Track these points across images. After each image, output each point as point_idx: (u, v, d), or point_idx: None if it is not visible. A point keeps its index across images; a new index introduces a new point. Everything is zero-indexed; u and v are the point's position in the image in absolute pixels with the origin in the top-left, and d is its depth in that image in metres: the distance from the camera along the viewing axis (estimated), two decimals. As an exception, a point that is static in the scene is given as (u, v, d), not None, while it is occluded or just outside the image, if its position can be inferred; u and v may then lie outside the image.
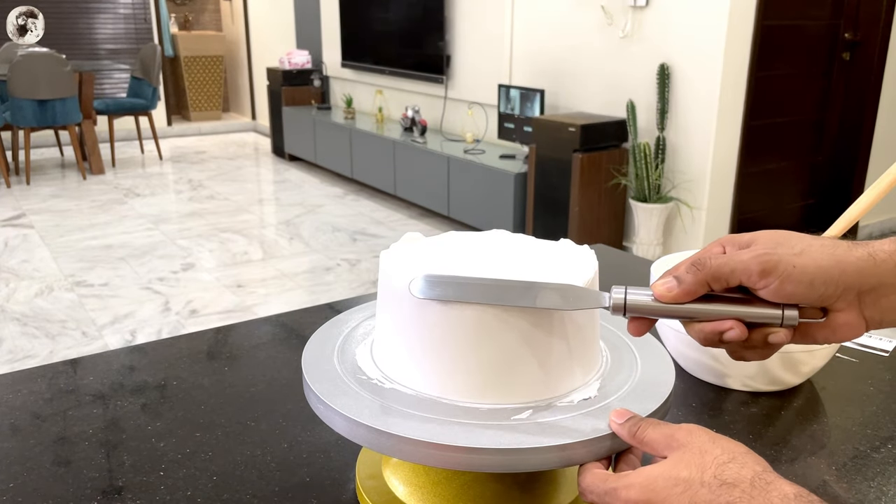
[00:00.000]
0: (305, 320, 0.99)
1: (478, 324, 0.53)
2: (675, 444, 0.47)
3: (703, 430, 0.47)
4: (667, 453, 0.47)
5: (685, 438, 0.47)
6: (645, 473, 0.46)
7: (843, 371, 0.86)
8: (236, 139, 7.68)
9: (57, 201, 5.08)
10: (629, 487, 0.46)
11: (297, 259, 3.96)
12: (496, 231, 0.65)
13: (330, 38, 6.21)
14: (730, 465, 0.44)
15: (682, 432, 0.47)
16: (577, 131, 3.53)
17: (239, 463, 0.67)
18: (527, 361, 0.54)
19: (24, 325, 3.07)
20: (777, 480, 0.43)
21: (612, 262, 1.21)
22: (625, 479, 0.46)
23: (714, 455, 0.45)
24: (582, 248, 0.61)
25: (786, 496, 0.42)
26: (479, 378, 0.54)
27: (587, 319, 0.57)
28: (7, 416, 0.75)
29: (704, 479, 0.44)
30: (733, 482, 0.43)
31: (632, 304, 0.51)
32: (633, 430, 0.49)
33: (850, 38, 4.00)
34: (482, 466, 0.49)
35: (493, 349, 0.53)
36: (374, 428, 0.51)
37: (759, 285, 0.48)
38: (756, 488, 0.42)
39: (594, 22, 3.83)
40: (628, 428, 0.50)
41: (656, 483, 0.45)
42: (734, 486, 0.43)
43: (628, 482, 0.46)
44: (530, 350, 0.54)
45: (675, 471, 0.45)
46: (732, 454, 0.45)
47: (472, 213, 4.24)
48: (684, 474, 0.44)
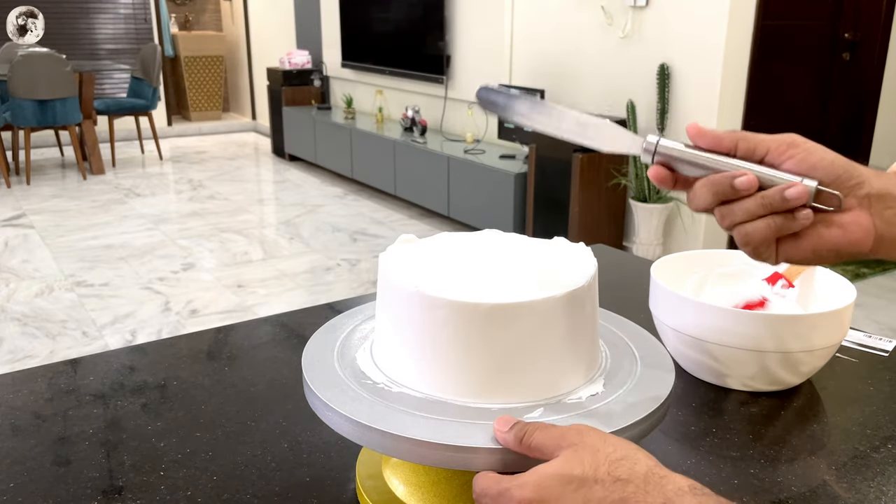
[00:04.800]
0: (305, 320, 0.99)
1: (477, 323, 0.53)
2: (566, 444, 0.46)
3: (592, 430, 0.47)
4: (558, 454, 0.46)
5: (575, 438, 0.46)
6: (538, 472, 0.46)
7: (843, 371, 0.86)
8: (236, 139, 7.68)
9: (57, 201, 5.08)
10: (522, 486, 0.45)
11: (298, 259, 3.96)
12: (489, 231, 0.65)
13: (330, 38, 6.21)
14: (622, 462, 0.44)
15: (572, 432, 0.47)
16: (577, 131, 3.53)
17: (239, 463, 0.67)
18: (526, 361, 0.54)
19: (25, 325, 3.07)
20: (670, 475, 0.43)
21: (612, 262, 1.21)
22: (517, 479, 0.46)
23: (606, 453, 0.45)
24: (578, 246, 0.61)
25: (680, 489, 0.42)
26: (478, 378, 0.54)
27: (587, 319, 0.57)
28: (7, 416, 0.75)
29: (598, 476, 0.44)
30: (627, 478, 0.43)
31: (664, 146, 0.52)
32: (520, 435, 0.48)
33: (850, 38, 4.00)
34: (482, 466, 0.49)
35: (492, 349, 0.53)
36: (374, 428, 0.51)
37: (784, 156, 0.49)
38: (650, 483, 0.43)
39: (594, 22, 3.83)
40: (514, 434, 0.48)
41: (550, 481, 0.45)
42: (628, 481, 0.43)
43: (521, 482, 0.46)
44: (530, 349, 0.54)
45: (568, 468, 0.45)
46: (624, 452, 0.45)
47: (472, 214, 4.24)
48: (577, 471, 0.44)
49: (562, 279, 0.55)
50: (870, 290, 3.42)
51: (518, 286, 0.54)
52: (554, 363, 0.55)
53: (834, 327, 0.77)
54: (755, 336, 0.75)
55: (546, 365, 0.55)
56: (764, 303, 0.83)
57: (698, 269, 0.90)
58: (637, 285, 0.97)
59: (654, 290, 0.83)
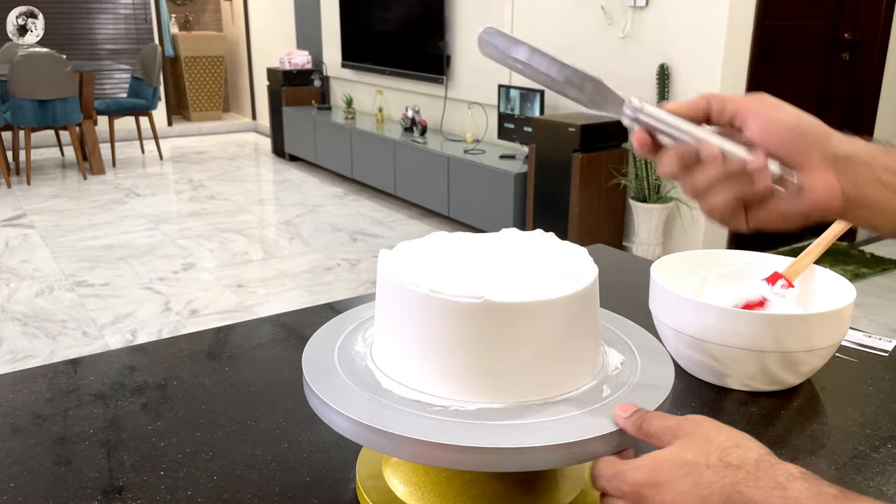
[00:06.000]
0: (305, 320, 0.99)
1: (478, 323, 0.53)
2: (681, 433, 0.48)
3: (708, 420, 0.49)
4: (673, 442, 0.48)
5: (690, 427, 0.48)
6: (652, 457, 0.48)
7: (842, 371, 0.86)
8: (236, 139, 7.68)
9: (57, 201, 5.08)
10: (636, 469, 0.48)
11: (298, 259, 3.96)
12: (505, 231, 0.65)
13: (330, 38, 6.21)
14: (734, 450, 0.45)
15: (688, 422, 0.49)
16: (577, 131, 3.53)
17: (239, 463, 0.67)
18: (527, 361, 0.54)
19: (25, 325, 3.07)
20: (781, 462, 0.44)
21: (611, 262, 1.21)
22: (632, 462, 0.48)
23: (719, 441, 0.46)
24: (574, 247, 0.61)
25: (791, 474, 0.43)
26: (479, 378, 0.54)
27: (589, 319, 0.57)
28: (7, 416, 0.75)
29: (710, 461, 0.45)
30: (738, 464, 0.44)
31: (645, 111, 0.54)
32: (639, 422, 0.50)
33: (850, 38, 4.00)
34: (482, 466, 0.49)
35: (493, 349, 0.53)
36: (374, 428, 0.51)
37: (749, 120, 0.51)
38: (761, 469, 0.44)
39: (594, 22, 3.83)
40: (633, 421, 0.51)
41: (663, 465, 0.47)
42: (739, 467, 0.44)
43: (636, 465, 0.48)
44: (531, 350, 0.54)
45: (681, 454, 0.46)
46: (736, 440, 0.46)
47: (472, 214, 4.24)
48: (689, 457, 0.46)
49: (564, 280, 0.55)
50: (870, 290, 3.42)
51: (520, 286, 0.54)
52: (555, 363, 0.55)
53: (834, 327, 0.77)
54: (755, 336, 0.75)
55: (547, 365, 0.55)
56: (764, 303, 0.83)
57: (698, 269, 0.90)
58: (637, 285, 0.97)
59: (654, 290, 0.83)
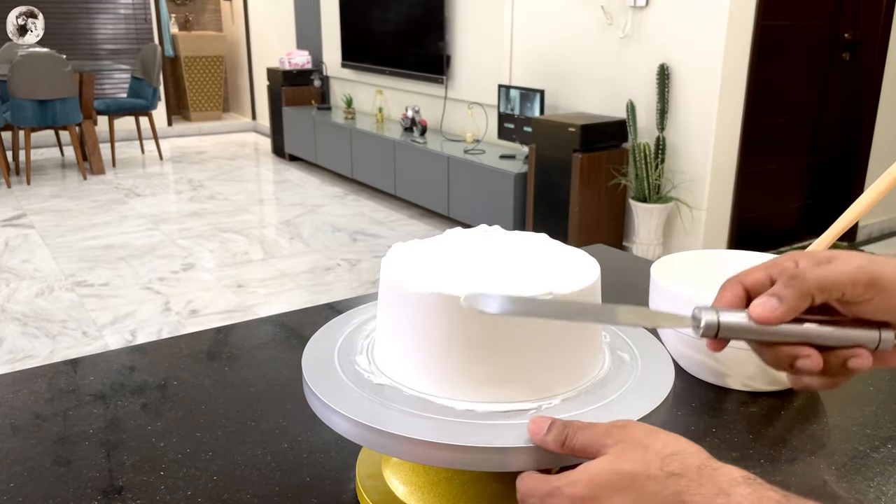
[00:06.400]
0: (305, 320, 0.99)
1: (478, 323, 0.53)
2: (612, 441, 0.45)
3: (637, 424, 0.47)
4: (604, 452, 0.45)
5: (620, 434, 0.46)
6: (588, 469, 0.45)
7: (842, 371, 0.86)
8: (236, 139, 7.68)
9: (57, 201, 5.08)
10: (573, 484, 0.44)
11: (298, 259, 3.96)
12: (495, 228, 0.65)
13: (330, 38, 6.21)
14: (674, 458, 0.44)
15: (617, 429, 0.46)
16: (577, 131, 3.53)
17: (239, 463, 0.67)
18: (528, 361, 0.54)
19: (25, 325, 3.07)
20: (724, 466, 0.43)
21: (612, 263, 1.21)
22: (567, 476, 0.45)
23: (656, 449, 0.44)
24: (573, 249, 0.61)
25: (733, 479, 0.42)
26: (480, 378, 0.54)
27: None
28: (7, 416, 0.75)
29: (650, 471, 0.43)
30: (680, 472, 0.43)
31: (726, 325, 0.48)
32: (561, 438, 0.47)
33: (850, 38, 4.00)
34: (482, 466, 0.49)
35: (494, 349, 0.53)
36: (374, 428, 0.51)
37: (863, 297, 0.47)
38: (703, 475, 0.42)
39: (594, 22, 3.82)
40: (554, 437, 0.47)
41: (601, 478, 0.44)
42: (682, 475, 0.43)
43: (572, 479, 0.45)
44: (532, 350, 0.54)
45: (619, 465, 0.44)
46: (674, 447, 0.44)
47: (472, 213, 4.24)
48: (628, 468, 0.44)
49: (565, 280, 0.55)
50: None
51: (521, 287, 0.54)
52: (556, 363, 0.55)
53: (834, 327, 0.77)
54: (755, 336, 0.75)
55: (549, 365, 0.55)
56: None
57: (698, 269, 0.90)
58: (637, 285, 0.97)
59: (654, 290, 0.83)
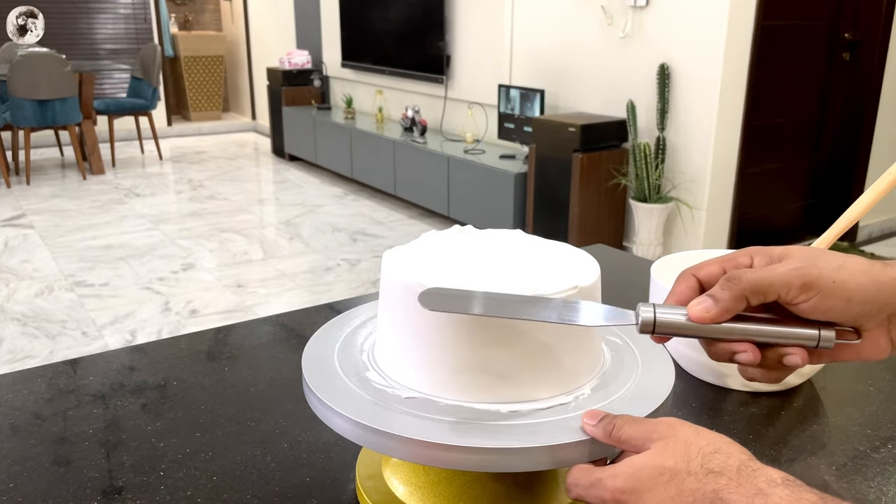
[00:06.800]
0: (305, 320, 0.99)
1: (479, 325, 0.53)
2: (656, 437, 0.46)
3: (684, 423, 0.47)
4: (648, 446, 0.46)
5: (666, 431, 0.46)
6: (630, 463, 0.46)
7: (843, 371, 0.86)
8: (236, 139, 7.68)
9: (57, 201, 5.08)
10: (615, 476, 0.46)
11: (297, 259, 3.96)
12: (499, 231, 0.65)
13: (330, 38, 6.21)
14: (716, 456, 0.44)
15: (663, 426, 0.47)
16: (577, 131, 3.53)
17: (239, 463, 0.67)
18: (528, 362, 0.54)
19: (25, 325, 3.07)
20: (763, 468, 0.43)
21: (612, 262, 1.21)
22: (610, 469, 0.47)
23: (699, 446, 0.45)
24: (578, 250, 0.61)
25: (772, 480, 0.42)
26: (480, 378, 0.54)
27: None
28: (7, 416, 0.75)
29: (691, 468, 0.44)
30: (720, 471, 0.43)
31: (662, 323, 0.49)
32: (609, 429, 0.49)
33: (850, 38, 4.00)
34: (481, 466, 0.49)
35: (494, 349, 0.53)
36: (374, 428, 0.50)
37: (798, 300, 0.47)
38: (743, 475, 0.43)
39: (594, 22, 3.83)
40: (603, 428, 0.49)
41: (641, 472, 0.45)
42: (721, 474, 0.43)
43: (613, 472, 0.46)
44: (532, 351, 0.54)
45: (661, 460, 0.45)
46: (717, 445, 0.45)
47: (472, 213, 4.24)
48: (670, 464, 0.44)
49: (566, 279, 0.55)
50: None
51: (522, 286, 0.54)
52: (556, 363, 0.55)
53: (834, 327, 0.77)
54: (755, 336, 0.75)
55: (549, 365, 0.54)
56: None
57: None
58: (637, 285, 0.97)
59: (654, 290, 0.83)
